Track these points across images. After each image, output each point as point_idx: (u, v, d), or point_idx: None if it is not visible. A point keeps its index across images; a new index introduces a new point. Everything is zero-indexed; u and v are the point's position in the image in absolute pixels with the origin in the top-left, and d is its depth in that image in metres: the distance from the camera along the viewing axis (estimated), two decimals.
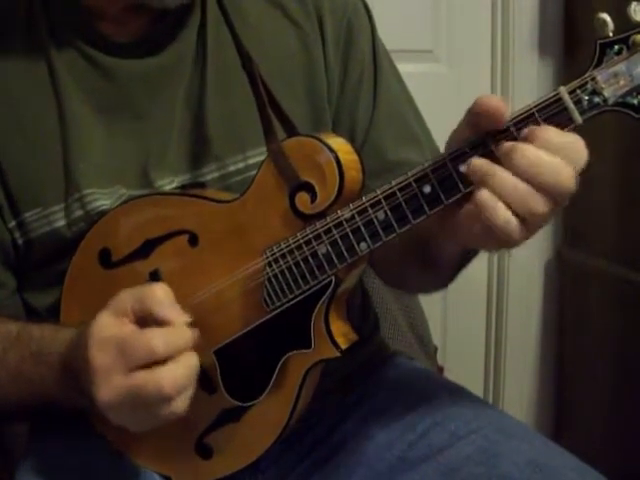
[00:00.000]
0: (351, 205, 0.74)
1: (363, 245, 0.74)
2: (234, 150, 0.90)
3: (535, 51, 1.89)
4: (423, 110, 1.01)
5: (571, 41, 1.85)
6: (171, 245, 0.83)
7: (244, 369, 0.81)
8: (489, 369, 2.01)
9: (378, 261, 0.92)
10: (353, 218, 0.74)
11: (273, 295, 0.78)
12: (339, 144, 0.78)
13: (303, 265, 0.76)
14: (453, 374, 1.16)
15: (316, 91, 0.93)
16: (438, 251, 0.81)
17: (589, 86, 0.66)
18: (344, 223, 0.74)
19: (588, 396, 1.84)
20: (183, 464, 0.85)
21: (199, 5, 0.91)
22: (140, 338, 0.70)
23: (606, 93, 0.66)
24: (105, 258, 0.85)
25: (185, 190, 0.88)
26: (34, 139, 0.88)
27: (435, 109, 1.10)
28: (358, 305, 1.01)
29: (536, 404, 2.02)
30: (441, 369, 1.40)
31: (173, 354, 0.70)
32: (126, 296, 0.73)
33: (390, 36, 1.03)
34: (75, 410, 0.82)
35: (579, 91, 0.66)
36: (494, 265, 1.97)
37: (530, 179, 0.65)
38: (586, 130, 0.68)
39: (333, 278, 0.76)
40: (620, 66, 0.66)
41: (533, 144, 0.66)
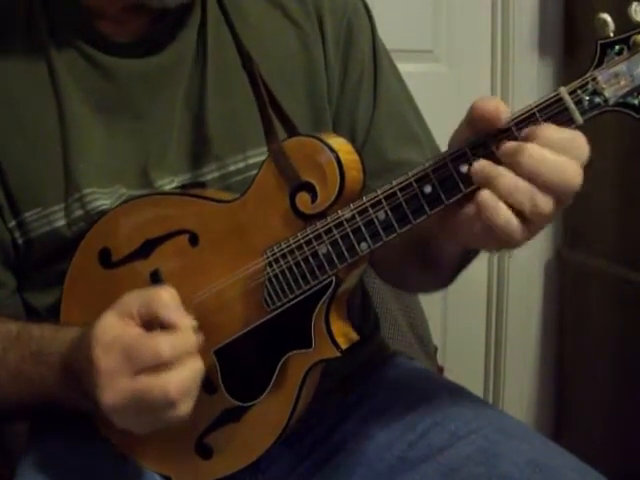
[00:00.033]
0: (352, 205, 0.74)
1: (364, 245, 0.74)
2: (234, 150, 0.90)
3: (535, 51, 1.89)
4: (423, 110, 1.01)
5: (571, 41, 1.85)
6: (171, 245, 0.82)
7: (244, 369, 0.81)
8: (489, 369, 2.01)
9: (378, 261, 0.92)
10: (354, 218, 0.74)
11: (274, 295, 0.78)
12: (340, 144, 0.78)
13: (304, 265, 0.76)
14: (453, 374, 1.16)
15: (316, 91, 0.93)
16: (439, 251, 0.81)
17: (590, 86, 0.66)
18: (345, 223, 0.74)
19: (588, 396, 1.84)
20: (183, 464, 0.85)
21: (199, 5, 0.91)
22: (146, 342, 0.70)
23: (607, 93, 0.66)
24: (105, 258, 0.85)
25: (185, 190, 0.88)
26: (34, 139, 0.87)
27: (435, 109, 1.10)
28: (358, 305, 1.01)
29: (536, 404, 2.02)
30: (441, 369, 1.40)
31: (179, 359, 0.70)
32: (132, 298, 0.73)
33: (390, 36, 1.03)
34: (75, 410, 0.82)
35: (580, 91, 0.66)
36: (494, 265, 1.97)
37: (535, 178, 0.65)
38: (586, 130, 0.68)
39: (334, 278, 0.76)
40: (621, 66, 0.66)
41: (536, 143, 0.66)
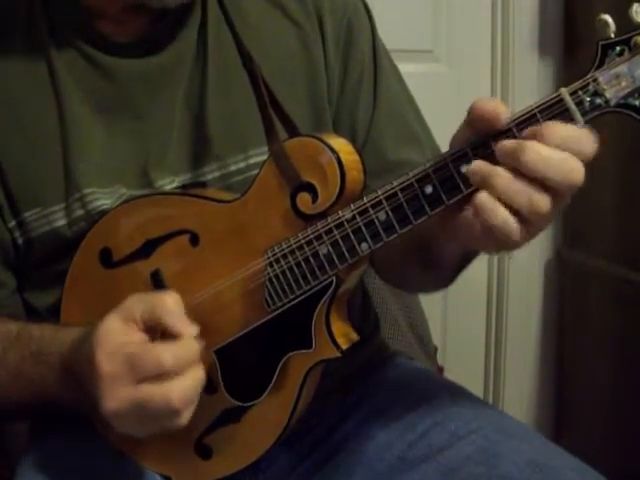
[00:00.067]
0: (352, 205, 0.74)
1: (364, 245, 0.74)
2: (235, 150, 0.90)
3: (535, 51, 1.89)
4: (423, 110, 1.01)
5: (571, 41, 1.85)
6: (172, 245, 0.82)
7: (245, 369, 0.81)
8: (489, 369, 2.01)
9: (379, 261, 0.92)
10: (354, 218, 0.74)
11: (274, 295, 0.78)
12: (340, 144, 0.78)
13: (304, 265, 0.76)
14: (453, 374, 1.16)
15: (316, 91, 0.93)
16: (439, 251, 0.81)
17: (591, 87, 0.66)
18: (345, 223, 0.74)
19: (588, 396, 1.84)
20: (183, 464, 0.85)
21: (199, 4, 0.91)
22: (149, 351, 0.70)
23: (608, 94, 0.66)
24: (106, 258, 0.85)
25: (186, 190, 0.88)
26: (34, 139, 0.87)
27: (435, 109, 1.10)
28: (359, 305, 1.01)
29: (536, 404, 2.02)
30: (441, 369, 1.40)
31: (181, 368, 0.70)
32: (136, 302, 0.73)
33: (390, 36, 1.03)
34: (75, 410, 0.82)
35: (581, 92, 0.66)
36: (494, 265, 1.97)
37: (537, 176, 0.64)
38: None
39: (334, 278, 0.76)
40: (622, 67, 0.66)
41: (542, 139, 0.65)
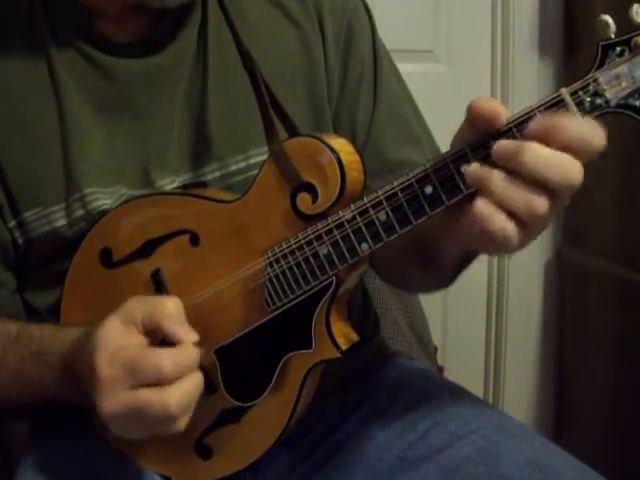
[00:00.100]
0: (352, 206, 0.74)
1: (364, 246, 0.74)
2: (235, 149, 0.89)
3: (535, 51, 1.89)
4: (423, 110, 1.01)
5: (571, 41, 1.85)
6: (172, 245, 0.82)
7: (244, 369, 0.81)
8: (489, 369, 2.01)
9: (379, 261, 0.92)
10: (354, 219, 0.73)
11: (274, 295, 0.78)
12: (341, 145, 0.78)
13: (304, 265, 0.76)
14: (453, 374, 1.16)
15: (317, 91, 0.93)
16: (439, 251, 0.81)
17: (591, 87, 0.66)
18: (345, 224, 0.74)
19: (588, 396, 1.84)
20: (183, 465, 0.85)
21: (199, 4, 0.91)
22: (149, 357, 0.70)
23: (608, 95, 0.65)
24: (106, 258, 0.85)
25: (186, 190, 0.88)
26: (34, 139, 0.87)
27: (435, 109, 1.10)
28: (358, 305, 1.01)
29: (536, 404, 2.02)
30: (441, 369, 1.40)
31: (180, 374, 0.70)
32: (136, 305, 0.73)
33: (390, 36, 1.03)
34: (75, 410, 0.82)
35: (581, 92, 0.66)
36: (494, 265, 1.97)
37: (537, 177, 0.64)
38: None
39: (334, 279, 0.76)
40: (622, 68, 0.65)
41: (536, 141, 0.64)
